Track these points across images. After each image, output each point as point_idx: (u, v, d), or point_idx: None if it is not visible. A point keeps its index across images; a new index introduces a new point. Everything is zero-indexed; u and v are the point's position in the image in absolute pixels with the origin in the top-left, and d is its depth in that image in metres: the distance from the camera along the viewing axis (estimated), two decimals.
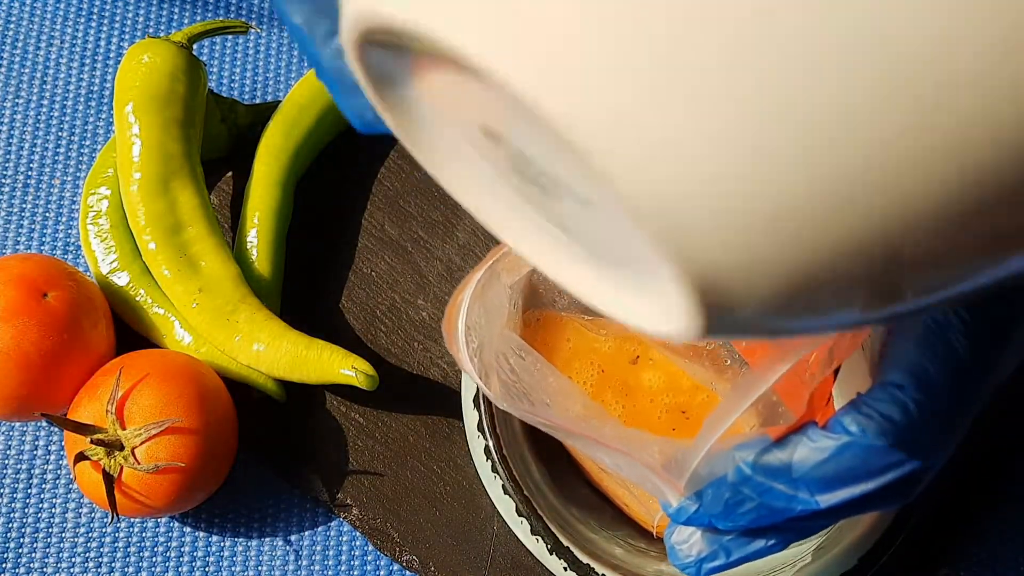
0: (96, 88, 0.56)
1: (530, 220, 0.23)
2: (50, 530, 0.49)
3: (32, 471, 0.50)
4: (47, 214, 0.54)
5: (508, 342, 0.35)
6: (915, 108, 0.16)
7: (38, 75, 0.57)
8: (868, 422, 0.31)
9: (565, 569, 0.43)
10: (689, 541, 0.34)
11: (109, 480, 0.44)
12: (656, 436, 0.33)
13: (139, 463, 0.44)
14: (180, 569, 0.48)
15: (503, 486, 0.44)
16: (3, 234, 0.54)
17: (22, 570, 0.48)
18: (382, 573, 0.49)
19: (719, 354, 0.39)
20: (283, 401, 0.50)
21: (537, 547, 0.44)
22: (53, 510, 0.49)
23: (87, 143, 0.55)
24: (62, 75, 0.57)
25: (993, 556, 0.49)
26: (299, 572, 0.48)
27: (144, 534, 0.49)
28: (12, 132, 0.55)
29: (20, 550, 0.49)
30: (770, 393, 0.31)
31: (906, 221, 0.17)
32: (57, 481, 0.50)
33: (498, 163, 0.22)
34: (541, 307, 0.42)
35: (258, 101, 0.56)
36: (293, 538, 0.49)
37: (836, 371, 0.34)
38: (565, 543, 0.43)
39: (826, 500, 0.32)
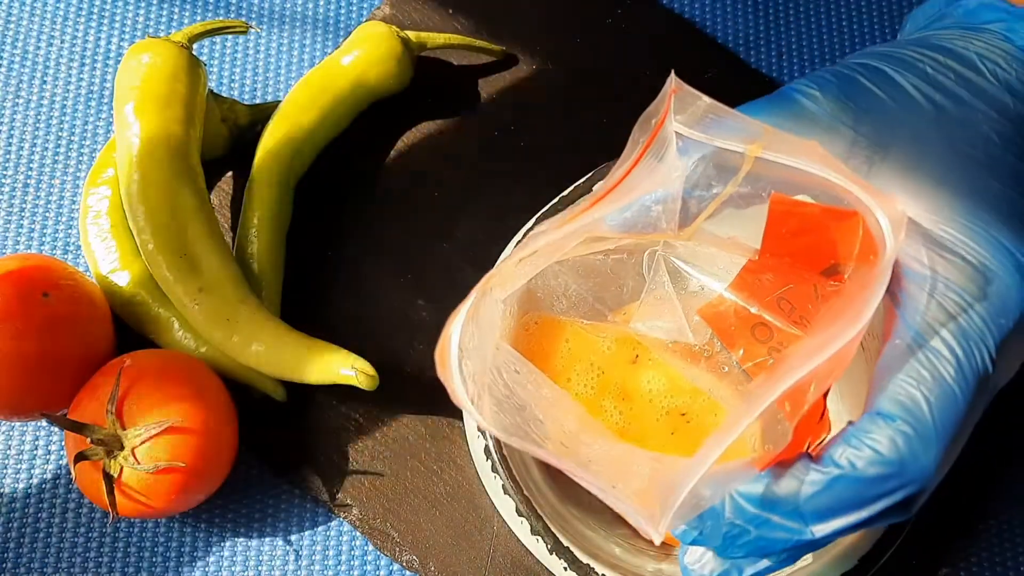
0: (96, 88, 0.56)
1: None
2: (50, 530, 0.49)
3: (32, 471, 0.50)
4: (47, 214, 0.54)
5: (503, 356, 0.34)
6: None
7: (38, 75, 0.56)
8: (857, 455, 0.32)
9: (565, 569, 0.43)
10: (701, 561, 0.35)
11: (109, 480, 0.44)
12: (649, 453, 0.33)
13: (139, 463, 0.44)
14: (180, 569, 0.48)
15: (503, 486, 0.44)
16: (3, 234, 0.54)
17: (22, 570, 0.48)
18: (382, 573, 0.49)
19: (718, 361, 0.39)
20: (283, 401, 0.50)
21: (537, 547, 0.44)
22: (53, 510, 0.49)
23: (87, 143, 0.55)
24: (62, 75, 0.57)
25: (993, 557, 0.49)
26: (299, 572, 0.48)
27: (144, 534, 0.49)
28: (12, 132, 0.55)
29: (20, 550, 0.49)
30: (772, 408, 0.31)
31: None
32: (57, 481, 0.50)
33: None
34: (539, 311, 0.42)
35: (258, 101, 0.56)
36: (293, 538, 0.49)
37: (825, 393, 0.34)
38: (565, 543, 0.43)
39: (820, 530, 0.32)
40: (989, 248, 0.34)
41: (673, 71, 0.34)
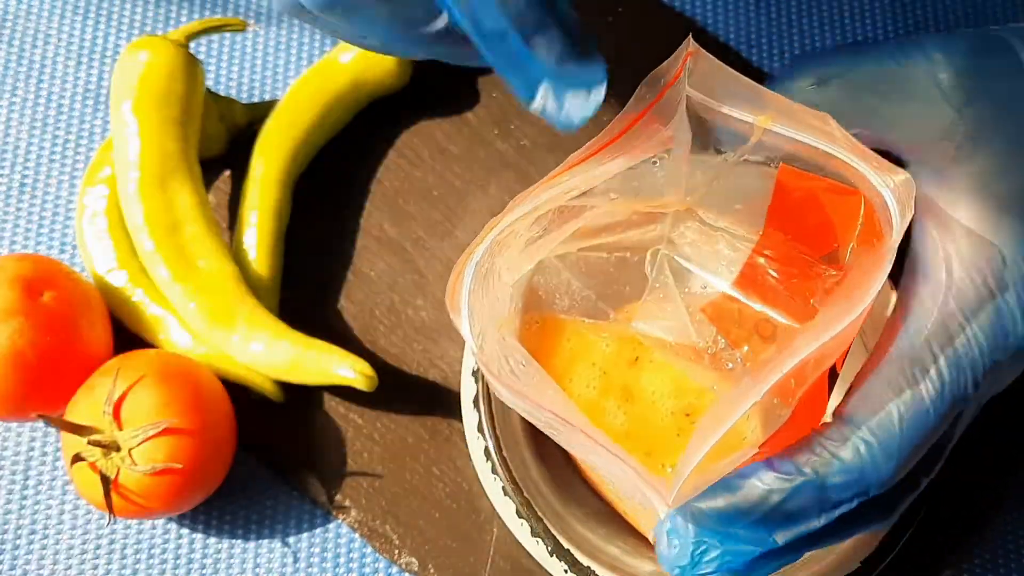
0: (93, 86, 0.56)
1: None
2: (46, 532, 0.49)
3: (28, 472, 0.50)
4: (44, 213, 0.54)
5: (510, 350, 0.34)
6: None
7: (35, 73, 0.56)
8: (822, 463, 0.32)
9: (566, 571, 0.43)
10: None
11: (106, 482, 0.44)
12: (647, 472, 0.33)
13: (136, 464, 0.44)
14: (177, 571, 0.48)
15: (503, 488, 0.44)
16: None
17: (18, 572, 0.48)
18: (381, 575, 0.48)
19: (721, 358, 0.39)
20: (281, 402, 0.50)
21: (537, 549, 0.44)
22: (49, 512, 0.49)
23: (84, 142, 0.55)
24: (59, 73, 0.56)
25: (996, 559, 0.49)
26: (297, 574, 0.48)
27: (141, 536, 0.49)
28: (8, 131, 0.55)
29: (16, 552, 0.48)
30: (769, 396, 0.31)
31: None
32: (53, 483, 0.49)
33: None
34: (541, 309, 0.41)
35: (256, 99, 0.56)
36: (291, 540, 0.49)
37: (830, 372, 0.34)
38: (566, 545, 0.43)
39: (783, 537, 0.32)
40: None
41: (691, 34, 0.34)
